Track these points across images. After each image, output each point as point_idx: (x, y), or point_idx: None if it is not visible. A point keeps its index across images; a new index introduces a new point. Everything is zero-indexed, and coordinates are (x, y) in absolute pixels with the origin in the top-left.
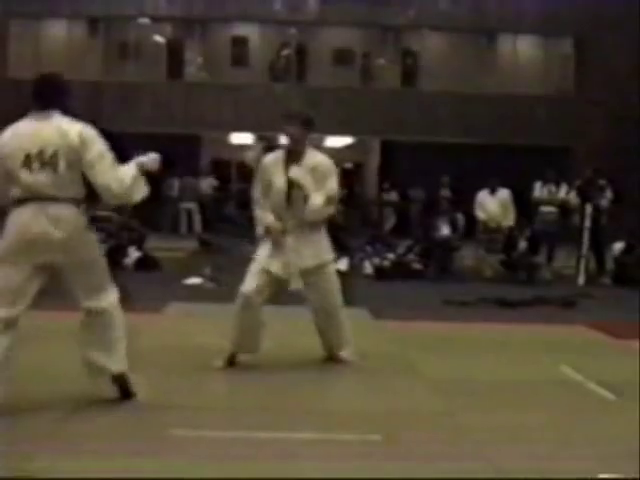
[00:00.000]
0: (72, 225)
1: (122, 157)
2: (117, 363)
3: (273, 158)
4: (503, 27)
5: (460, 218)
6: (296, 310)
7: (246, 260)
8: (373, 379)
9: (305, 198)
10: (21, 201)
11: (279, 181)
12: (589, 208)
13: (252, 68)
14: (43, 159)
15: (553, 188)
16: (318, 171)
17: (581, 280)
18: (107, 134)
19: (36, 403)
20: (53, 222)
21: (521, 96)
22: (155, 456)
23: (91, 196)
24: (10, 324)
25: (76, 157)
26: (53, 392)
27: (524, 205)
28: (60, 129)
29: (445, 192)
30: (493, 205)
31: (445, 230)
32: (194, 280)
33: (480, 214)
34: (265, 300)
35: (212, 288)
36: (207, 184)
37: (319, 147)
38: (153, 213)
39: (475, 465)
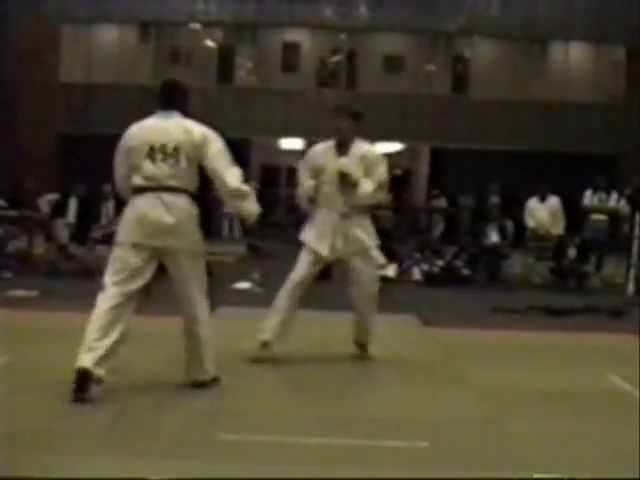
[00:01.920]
0: (184, 212)
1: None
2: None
3: (323, 146)
4: (554, 34)
5: (509, 225)
6: (339, 315)
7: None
8: (421, 386)
9: (355, 185)
10: (140, 190)
11: (331, 167)
12: (639, 217)
13: (302, 74)
14: (166, 152)
15: (603, 196)
16: (367, 160)
17: (630, 289)
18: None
19: (87, 404)
20: (167, 208)
21: (572, 103)
22: (204, 459)
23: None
24: (126, 300)
25: (196, 153)
26: (105, 393)
27: (574, 213)
28: (183, 126)
29: (494, 199)
30: (543, 213)
31: (494, 237)
32: (243, 285)
33: (529, 222)
34: (309, 286)
35: (261, 293)
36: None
37: None
38: (201, 218)
39: (523, 474)
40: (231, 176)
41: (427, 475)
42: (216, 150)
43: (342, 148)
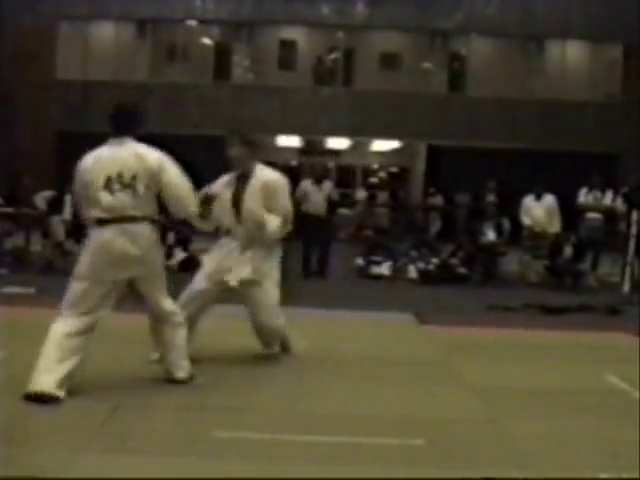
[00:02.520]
0: (148, 242)
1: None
2: (183, 370)
3: (226, 177)
4: (551, 32)
5: (506, 223)
6: (335, 314)
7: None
8: (416, 384)
9: (261, 226)
10: (101, 222)
11: (226, 201)
12: (635, 215)
13: (299, 71)
14: (123, 181)
15: (599, 194)
16: (268, 188)
17: (626, 287)
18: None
19: (80, 403)
20: (131, 240)
21: (568, 102)
22: (198, 457)
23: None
24: (87, 331)
25: (153, 179)
26: (96, 392)
27: (570, 211)
28: (137, 153)
29: (491, 197)
30: (539, 211)
31: (491, 235)
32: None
33: (525, 220)
34: (207, 302)
35: None
36: None
37: (366, 151)
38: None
39: (519, 473)
40: (190, 202)
41: (422, 473)
42: (174, 175)
43: (241, 177)
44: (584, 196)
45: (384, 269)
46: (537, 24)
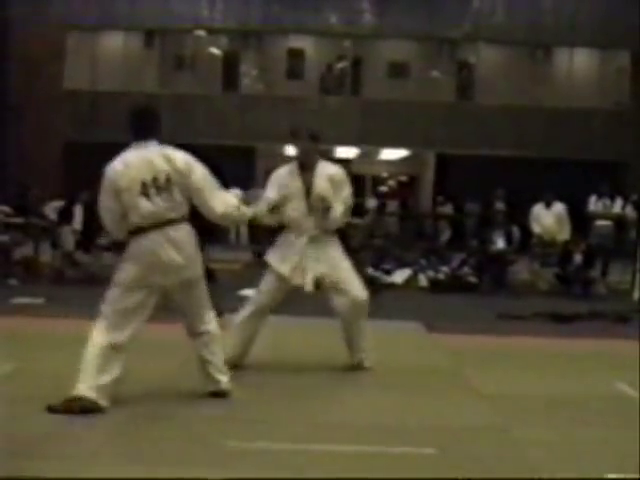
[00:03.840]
0: (190, 246)
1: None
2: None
3: (287, 169)
4: (559, 40)
5: (515, 231)
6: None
7: None
8: (426, 393)
9: (328, 209)
10: (142, 228)
11: (298, 190)
12: None
13: (307, 80)
14: (158, 185)
15: (608, 202)
16: (334, 181)
17: (636, 295)
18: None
19: (95, 413)
20: (176, 247)
21: (577, 110)
22: (210, 467)
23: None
24: (120, 349)
25: (183, 180)
26: (113, 402)
27: (579, 219)
28: (165, 155)
29: (500, 205)
30: (548, 219)
31: (500, 243)
32: (249, 292)
33: (535, 228)
34: (276, 306)
35: None
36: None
37: (374, 160)
38: (209, 225)
39: None
40: (220, 203)
41: None
42: (201, 176)
43: (305, 169)
44: (593, 204)
45: (396, 278)
46: (545, 32)
